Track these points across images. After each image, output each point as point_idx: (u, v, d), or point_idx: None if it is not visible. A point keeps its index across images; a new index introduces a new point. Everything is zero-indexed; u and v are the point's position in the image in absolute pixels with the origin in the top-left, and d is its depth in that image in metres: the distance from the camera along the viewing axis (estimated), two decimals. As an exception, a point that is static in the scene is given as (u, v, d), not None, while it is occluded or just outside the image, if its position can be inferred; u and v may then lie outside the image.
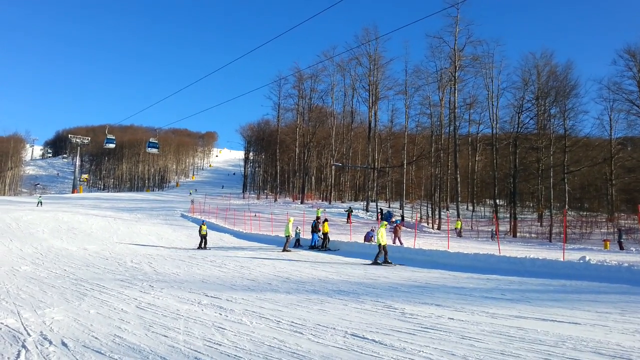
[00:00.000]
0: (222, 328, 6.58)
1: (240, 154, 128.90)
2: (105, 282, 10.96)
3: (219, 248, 21.61)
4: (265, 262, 15.80)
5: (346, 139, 61.06)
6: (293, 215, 28.09)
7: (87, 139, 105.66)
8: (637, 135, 42.87)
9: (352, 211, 38.65)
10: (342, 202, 56.33)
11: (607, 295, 8.88)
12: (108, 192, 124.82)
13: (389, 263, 14.85)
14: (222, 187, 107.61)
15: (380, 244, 15.05)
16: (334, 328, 6.49)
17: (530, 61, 44.22)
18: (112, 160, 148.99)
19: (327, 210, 41.23)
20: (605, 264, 12.24)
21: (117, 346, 5.70)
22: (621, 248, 24.53)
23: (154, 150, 39.14)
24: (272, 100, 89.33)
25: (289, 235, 20.41)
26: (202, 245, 21.27)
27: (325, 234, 20.98)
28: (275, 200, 66.38)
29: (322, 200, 60.63)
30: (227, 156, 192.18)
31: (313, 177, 68.83)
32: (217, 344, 5.79)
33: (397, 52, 77.56)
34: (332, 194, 60.95)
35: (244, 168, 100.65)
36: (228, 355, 5.29)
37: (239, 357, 5.23)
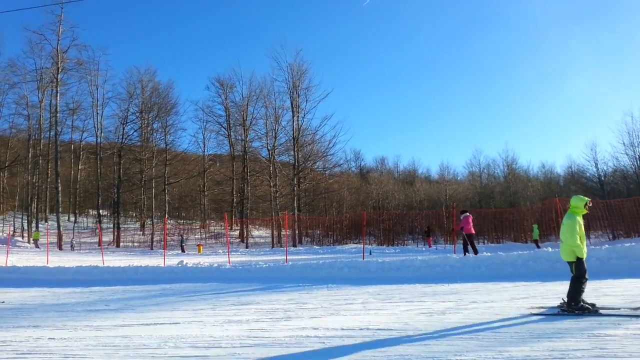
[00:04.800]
0: None
1: None
2: None
3: None
4: None
5: None
6: None
7: None
8: (224, 153, 50.35)
9: None
10: None
11: (202, 294, 10.07)
12: None
13: None
14: None
15: None
16: None
17: (135, 75, 45.62)
18: None
19: None
20: (200, 265, 13.87)
21: None
22: (182, 251, 30.13)
23: None
24: None
25: None
26: None
27: None
28: None
29: None
30: None
31: None
32: None
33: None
34: None
35: None
36: None
37: None
